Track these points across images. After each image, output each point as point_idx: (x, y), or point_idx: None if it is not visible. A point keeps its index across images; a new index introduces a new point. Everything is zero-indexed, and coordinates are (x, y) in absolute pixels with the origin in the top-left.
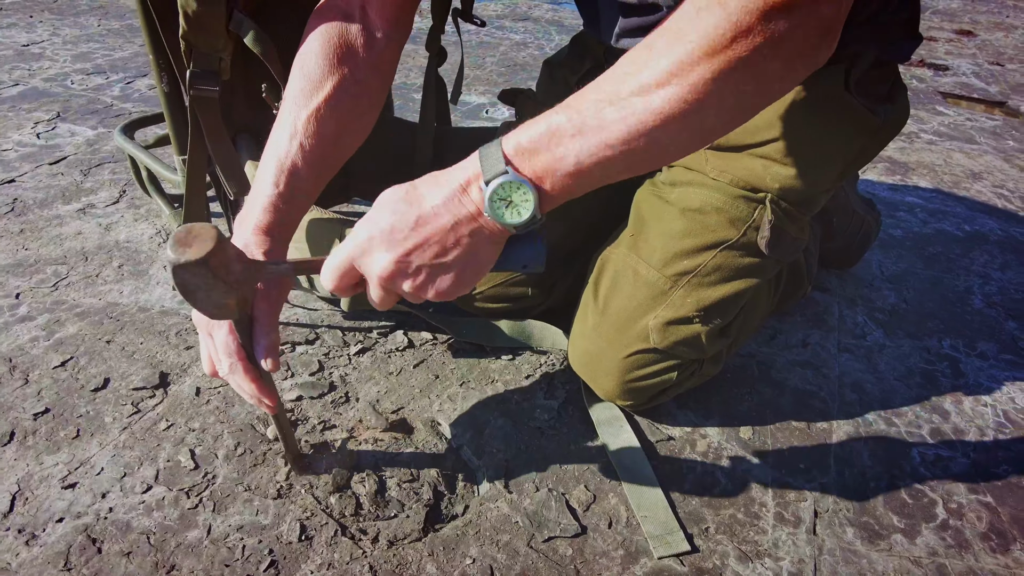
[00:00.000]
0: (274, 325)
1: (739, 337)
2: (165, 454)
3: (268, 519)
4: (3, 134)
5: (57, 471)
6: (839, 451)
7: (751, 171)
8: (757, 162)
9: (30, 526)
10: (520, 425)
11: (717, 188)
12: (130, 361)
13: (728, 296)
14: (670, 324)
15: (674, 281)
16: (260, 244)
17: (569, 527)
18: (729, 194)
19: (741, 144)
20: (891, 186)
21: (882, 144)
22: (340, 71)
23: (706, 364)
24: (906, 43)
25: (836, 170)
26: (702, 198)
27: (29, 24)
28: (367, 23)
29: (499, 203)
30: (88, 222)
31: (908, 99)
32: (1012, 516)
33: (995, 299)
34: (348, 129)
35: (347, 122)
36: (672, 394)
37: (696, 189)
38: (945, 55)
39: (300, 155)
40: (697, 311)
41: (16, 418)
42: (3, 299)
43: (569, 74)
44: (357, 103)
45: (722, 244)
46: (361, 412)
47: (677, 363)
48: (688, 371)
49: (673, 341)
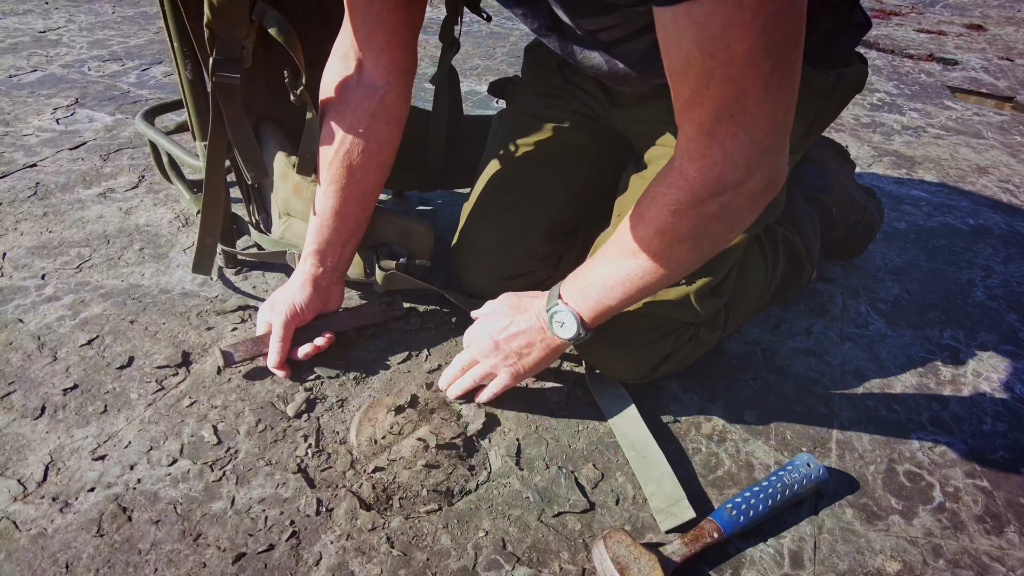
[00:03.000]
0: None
1: (737, 305)
2: (189, 429)
3: (289, 492)
4: (24, 119)
5: (87, 444)
6: (840, 436)
7: None
8: None
9: (63, 495)
10: (531, 406)
11: None
12: (153, 340)
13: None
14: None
15: None
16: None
17: (578, 503)
18: None
19: None
20: (897, 179)
21: (838, 105)
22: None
23: (702, 330)
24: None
25: (798, 131)
26: None
27: (45, 10)
28: (364, 77)
29: (556, 324)
30: (109, 206)
31: (866, 65)
32: (1008, 500)
33: (997, 292)
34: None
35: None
36: (673, 364)
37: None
38: (955, 49)
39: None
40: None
41: (47, 393)
42: (30, 279)
43: (550, 56)
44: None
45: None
46: (376, 391)
47: (672, 328)
48: (685, 336)
49: (663, 302)
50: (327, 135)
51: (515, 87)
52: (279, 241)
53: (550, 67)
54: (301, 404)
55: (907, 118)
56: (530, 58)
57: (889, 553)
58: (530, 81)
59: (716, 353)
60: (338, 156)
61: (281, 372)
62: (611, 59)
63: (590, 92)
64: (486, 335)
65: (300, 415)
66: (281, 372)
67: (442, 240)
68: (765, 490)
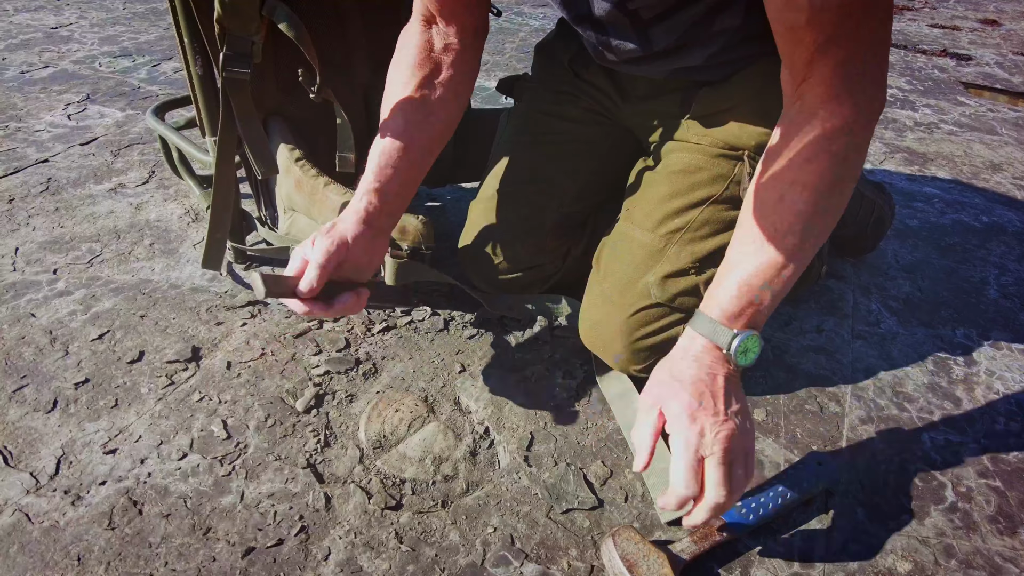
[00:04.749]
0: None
1: None
2: (199, 424)
3: (298, 487)
4: (36, 115)
5: (98, 437)
6: (851, 434)
7: (729, 132)
8: (733, 124)
9: (75, 488)
10: (540, 403)
11: (699, 150)
12: (163, 335)
13: (721, 247)
14: (668, 277)
15: (667, 239)
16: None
17: (587, 500)
18: (710, 154)
19: (718, 111)
20: (909, 176)
21: None
22: (421, 74)
23: None
24: None
25: None
26: (685, 160)
27: (57, 7)
28: (441, 33)
29: (741, 355)
30: (120, 201)
31: None
32: (1021, 501)
33: (1010, 290)
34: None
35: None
36: None
37: (679, 154)
38: (968, 45)
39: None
40: (693, 263)
41: (58, 387)
42: (42, 274)
43: (562, 52)
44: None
45: (708, 200)
46: (385, 386)
47: (681, 316)
48: None
49: (673, 293)
50: (400, 79)
51: (524, 85)
52: (285, 237)
53: (562, 64)
54: (310, 399)
55: (920, 114)
56: (541, 56)
57: (900, 553)
58: (541, 78)
59: None
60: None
61: (304, 308)
62: (647, 41)
63: (601, 88)
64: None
65: (309, 410)
66: (304, 308)
67: (452, 235)
68: (775, 488)
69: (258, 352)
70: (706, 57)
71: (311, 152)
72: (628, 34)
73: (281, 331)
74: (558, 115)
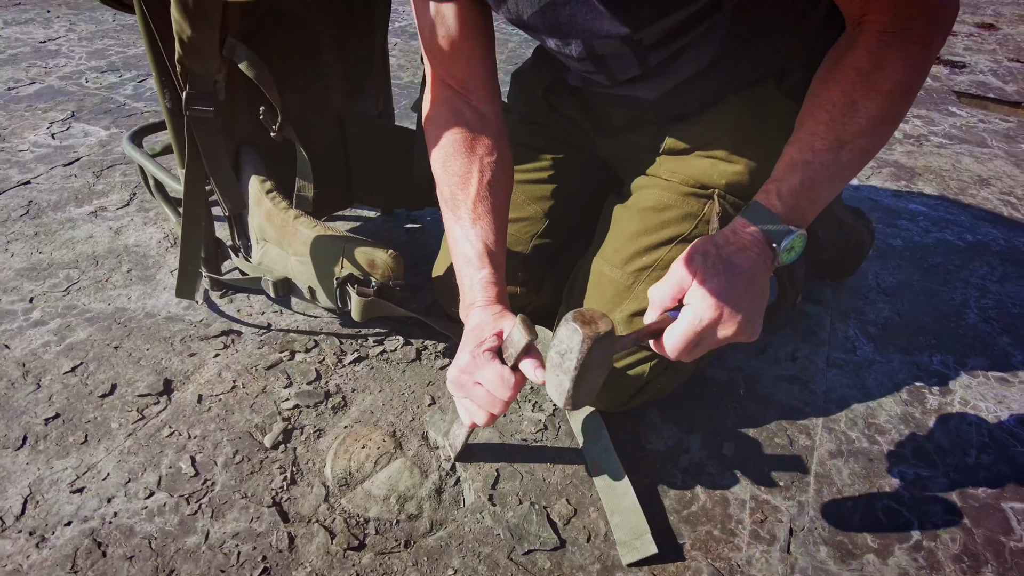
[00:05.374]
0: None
1: None
2: (167, 460)
3: (262, 526)
4: (20, 134)
5: (66, 475)
6: (819, 469)
7: (700, 170)
8: (705, 162)
9: (40, 529)
10: (507, 437)
11: (669, 188)
12: (136, 367)
13: None
14: (634, 316)
15: (635, 276)
16: (496, 314)
17: (549, 540)
18: (680, 192)
19: (691, 147)
20: (895, 192)
21: None
22: (475, 155)
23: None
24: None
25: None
26: (655, 197)
27: (47, 19)
28: (474, 110)
29: (786, 252)
30: (99, 225)
31: None
32: (986, 538)
33: (990, 313)
34: (502, 189)
35: (498, 185)
36: (651, 393)
37: (650, 190)
38: (963, 51)
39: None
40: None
41: (28, 423)
42: (18, 303)
43: (535, 83)
44: (497, 168)
45: (676, 239)
46: (354, 420)
47: (647, 356)
48: (661, 366)
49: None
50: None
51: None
52: (257, 267)
53: (536, 94)
54: (278, 435)
55: (909, 126)
56: (516, 85)
57: None
58: (516, 108)
59: (698, 381)
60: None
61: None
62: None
63: (575, 121)
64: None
65: (277, 446)
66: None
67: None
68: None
69: (229, 385)
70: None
71: (282, 182)
72: (628, 59)
73: (253, 363)
74: (532, 146)
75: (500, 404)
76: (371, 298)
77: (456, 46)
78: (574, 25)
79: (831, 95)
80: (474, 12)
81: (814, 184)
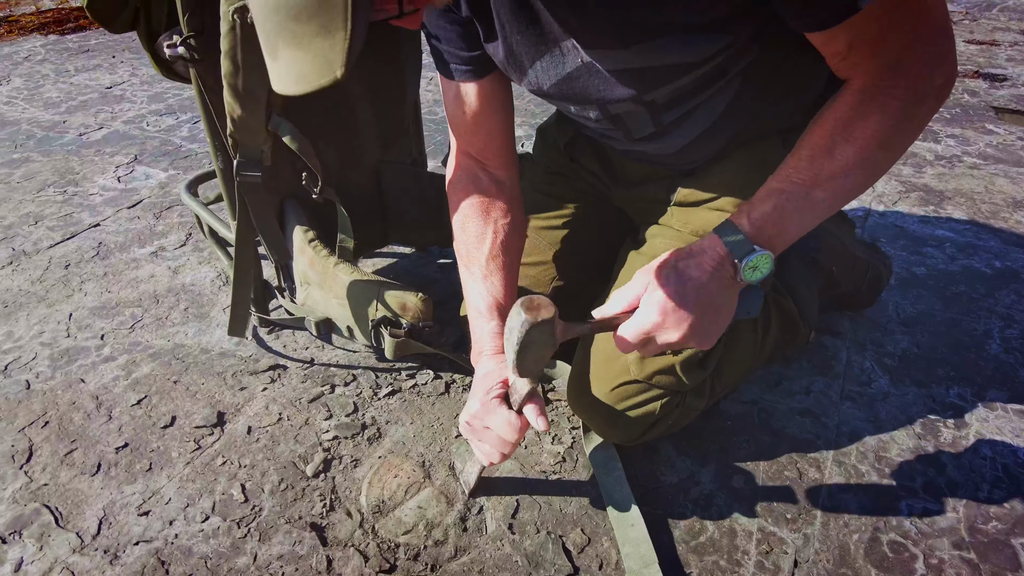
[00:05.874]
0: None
1: (725, 373)
2: (221, 487)
3: (304, 550)
4: (91, 179)
5: (134, 500)
6: (827, 502)
7: (708, 221)
8: (713, 214)
9: (113, 548)
10: (528, 469)
11: (679, 237)
12: (193, 400)
13: None
14: (645, 357)
15: None
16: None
17: (563, 568)
18: (689, 241)
19: (700, 200)
20: (922, 218)
21: None
22: (490, 218)
23: (689, 396)
24: None
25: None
26: (667, 246)
27: (112, 64)
28: (491, 176)
29: (749, 270)
30: (160, 265)
31: None
32: (993, 574)
33: (1014, 344)
34: (513, 248)
35: (510, 245)
36: (663, 428)
37: (661, 239)
38: (1006, 62)
39: (494, 288)
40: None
41: (102, 451)
42: (91, 340)
43: (558, 136)
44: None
45: None
46: (387, 451)
47: (659, 394)
48: (672, 403)
49: (651, 372)
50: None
51: (525, 164)
52: (301, 308)
53: (558, 147)
54: (319, 464)
55: (942, 146)
56: (540, 138)
57: None
58: (540, 159)
59: (713, 414)
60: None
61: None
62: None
63: (594, 172)
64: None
65: (318, 475)
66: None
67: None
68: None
69: (276, 417)
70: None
71: (323, 230)
72: (644, 118)
73: (297, 396)
74: (554, 195)
75: (509, 446)
76: (402, 338)
77: (476, 121)
78: (589, 93)
79: (814, 138)
80: (495, 88)
81: (784, 213)
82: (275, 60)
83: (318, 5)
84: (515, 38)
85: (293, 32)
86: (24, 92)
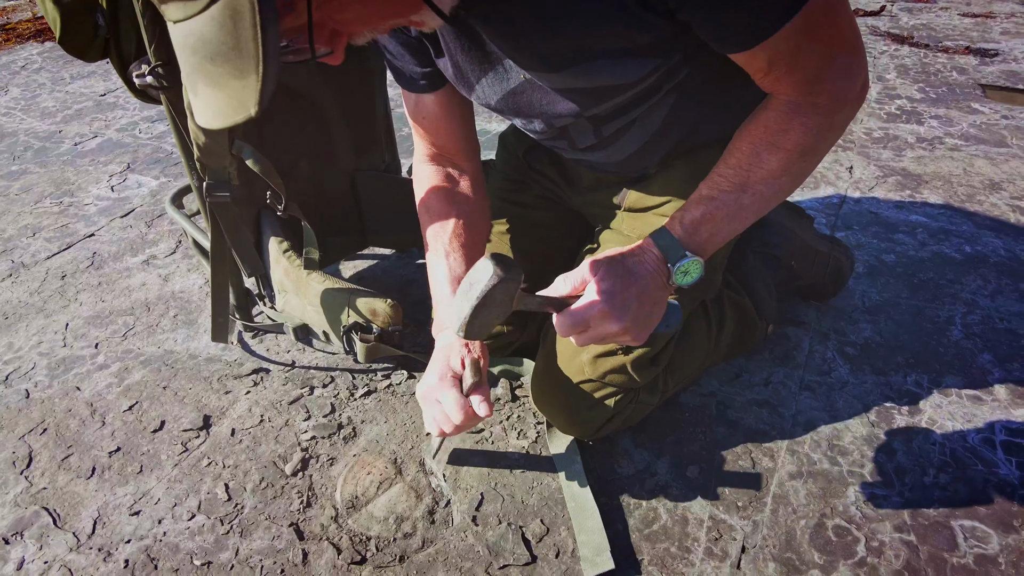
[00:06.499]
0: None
1: (678, 368)
2: (206, 487)
3: (282, 544)
4: (85, 188)
5: (126, 500)
6: (778, 489)
7: (654, 226)
8: (659, 219)
9: (106, 546)
10: (494, 463)
11: (629, 241)
12: (181, 405)
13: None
14: (598, 357)
15: None
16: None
17: (521, 556)
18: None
19: (647, 206)
20: (897, 203)
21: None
22: (453, 201)
23: (642, 393)
24: None
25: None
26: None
27: (106, 72)
28: (454, 164)
29: (680, 274)
30: (151, 273)
31: None
32: (930, 555)
33: (975, 330)
34: (476, 228)
35: (473, 224)
36: (618, 423)
37: (612, 244)
38: (1000, 35)
39: (456, 265)
40: (620, 345)
41: (96, 455)
42: (87, 349)
43: (517, 145)
44: (472, 209)
45: None
46: (362, 449)
47: (612, 391)
48: (626, 400)
49: (603, 371)
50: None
51: (489, 171)
52: (281, 314)
53: (517, 155)
54: (297, 463)
55: (924, 127)
56: (501, 146)
57: None
58: (501, 166)
59: (672, 407)
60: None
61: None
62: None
63: (551, 178)
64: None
65: (296, 473)
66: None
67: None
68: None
69: (257, 419)
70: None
71: (298, 240)
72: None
73: (278, 398)
74: (515, 201)
75: (452, 426)
76: (372, 343)
77: (437, 124)
78: (533, 107)
79: (741, 145)
80: (450, 96)
81: (714, 218)
82: (195, 96)
83: (231, 50)
84: (460, 56)
85: (209, 73)
86: (22, 102)
